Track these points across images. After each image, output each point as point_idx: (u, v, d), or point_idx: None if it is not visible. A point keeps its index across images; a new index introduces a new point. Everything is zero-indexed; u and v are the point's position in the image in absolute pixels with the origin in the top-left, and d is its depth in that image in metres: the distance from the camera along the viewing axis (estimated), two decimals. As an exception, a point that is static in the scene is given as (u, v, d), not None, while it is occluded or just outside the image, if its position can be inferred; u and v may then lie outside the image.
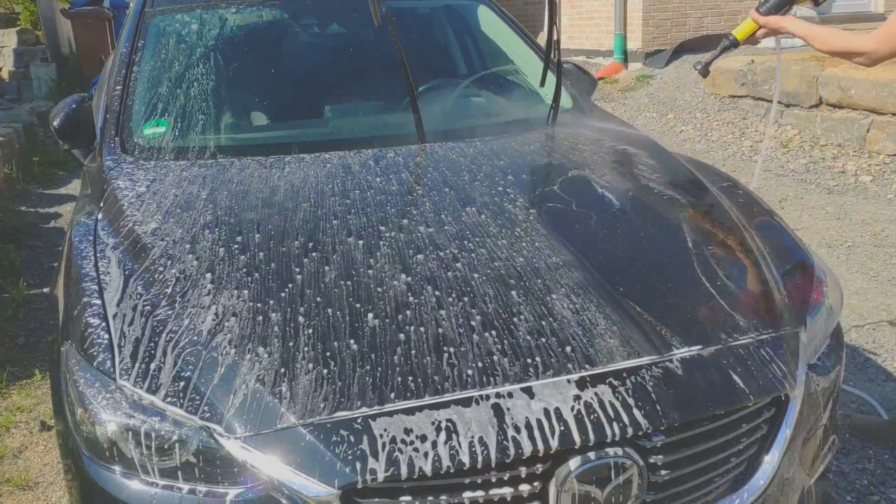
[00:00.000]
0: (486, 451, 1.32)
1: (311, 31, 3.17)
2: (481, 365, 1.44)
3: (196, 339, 1.50)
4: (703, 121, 7.31)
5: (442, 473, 1.31)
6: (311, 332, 1.51)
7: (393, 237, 1.80)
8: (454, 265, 1.70)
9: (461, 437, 1.34)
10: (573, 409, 1.39)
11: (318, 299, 1.59)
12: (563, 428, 1.36)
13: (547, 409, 1.38)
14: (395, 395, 1.39)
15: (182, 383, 1.43)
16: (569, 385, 1.42)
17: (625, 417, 1.39)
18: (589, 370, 1.45)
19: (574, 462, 1.37)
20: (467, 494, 1.35)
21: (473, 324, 1.53)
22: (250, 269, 1.68)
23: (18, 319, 3.89)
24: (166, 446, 1.40)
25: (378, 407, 1.37)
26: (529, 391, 1.41)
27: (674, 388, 1.46)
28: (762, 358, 1.57)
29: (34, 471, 2.73)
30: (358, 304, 1.58)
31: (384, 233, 1.82)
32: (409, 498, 1.34)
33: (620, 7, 8.96)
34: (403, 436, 1.34)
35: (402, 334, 1.50)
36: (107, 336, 1.54)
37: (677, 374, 1.48)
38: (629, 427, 1.39)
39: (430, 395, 1.39)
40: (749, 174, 5.48)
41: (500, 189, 2.05)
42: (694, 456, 1.49)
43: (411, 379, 1.41)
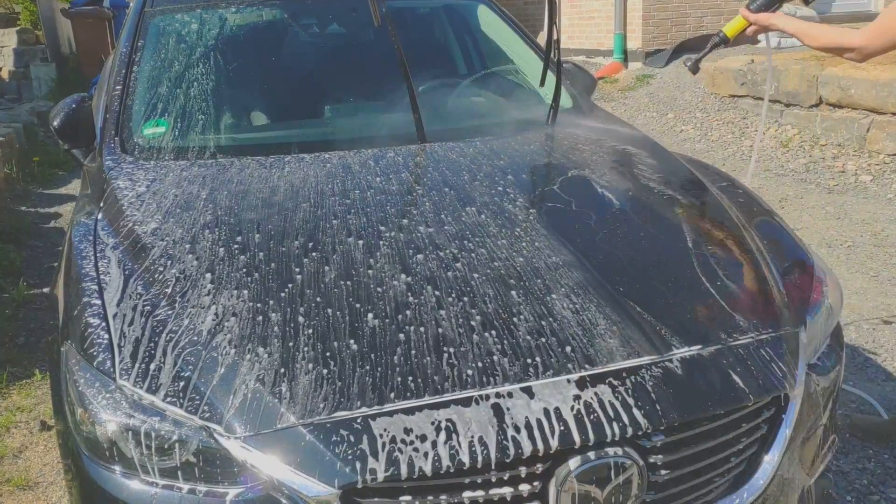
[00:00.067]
0: (485, 451, 1.32)
1: (311, 30, 3.16)
2: (481, 365, 1.44)
3: (196, 339, 1.50)
4: (702, 120, 7.31)
5: (442, 473, 1.31)
6: (310, 332, 1.51)
7: (393, 237, 1.80)
8: (454, 265, 1.70)
9: (461, 437, 1.34)
10: (573, 409, 1.39)
11: (318, 299, 1.59)
12: (562, 428, 1.36)
13: (547, 409, 1.38)
14: (394, 394, 1.39)
15: (182, 383, 1.43)
16: (569, 385, 1.42)
17: (625, 417, 1.39)
18: (589, 370, 1.45)
19: (574, 462, 1.37)
20: (467, 494, 1.35)
21: (473, 324, 1.53)
22: (250, 269, 1.68)
23: (18, 319, 3.89)
24: (166, 446, 1.40)
25: (378, 407, 1.37)
26: (529, 391, 1.41)
27: (674, 388, 1.46)
28: (762, 358, 1.57)
29: (34, 471, 2.73)
30: (358, 304, 1.58)
31: (384, 233, 1.82)
32: (409, 498, 1.34)
33: (620, 7, 8.96)
34: (403, 436, 1.33)
35: (402, 334, 1.50)
36: (107, 336, 1.54)
37: (677, 374, 1.48)
38: (629, 427, 1.38)
39: (429, 394, 1.39)
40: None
41: (500, 189, 2.05)
42: (694, 456, 1.49)
43: (411, 379, 1.41)
